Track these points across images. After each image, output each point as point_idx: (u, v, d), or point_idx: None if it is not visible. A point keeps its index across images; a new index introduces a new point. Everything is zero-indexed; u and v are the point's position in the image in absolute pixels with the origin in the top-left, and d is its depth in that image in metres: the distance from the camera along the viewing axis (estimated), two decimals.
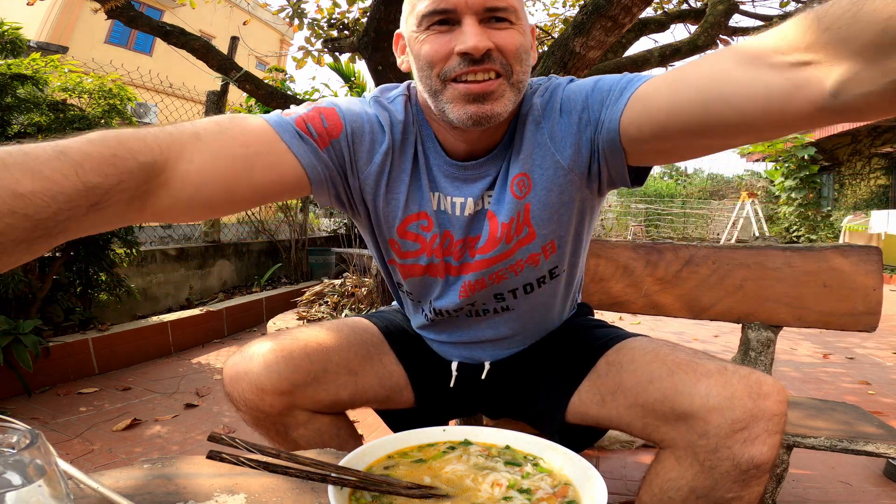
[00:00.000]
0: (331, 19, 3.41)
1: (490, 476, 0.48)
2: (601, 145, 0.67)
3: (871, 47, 0.42)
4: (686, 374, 0.66)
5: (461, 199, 0.74)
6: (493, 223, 0.73)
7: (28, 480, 0.32)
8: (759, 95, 0.50)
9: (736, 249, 1.34)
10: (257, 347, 0.78)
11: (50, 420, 1.91)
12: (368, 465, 0.50)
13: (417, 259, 0.78)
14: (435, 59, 0.64)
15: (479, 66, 0.62)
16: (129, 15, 2.33)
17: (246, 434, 1.85)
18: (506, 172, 0.73)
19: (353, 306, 2.35)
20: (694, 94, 0.55)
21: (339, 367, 0.79)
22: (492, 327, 0.85)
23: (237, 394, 0.77)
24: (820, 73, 0.46)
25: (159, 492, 0.50)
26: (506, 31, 0.64)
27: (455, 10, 0.62)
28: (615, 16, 1.68)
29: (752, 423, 0.62)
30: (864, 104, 0.45)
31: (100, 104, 2.55)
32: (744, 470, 0.62)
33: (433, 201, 0.76)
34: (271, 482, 0.52)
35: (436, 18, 0.64)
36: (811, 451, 1.59)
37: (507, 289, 0.79)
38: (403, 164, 0.74)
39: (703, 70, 0.55)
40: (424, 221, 0.75)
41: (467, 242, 0.76)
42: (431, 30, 0.65)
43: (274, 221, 5.20)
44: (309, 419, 0.79)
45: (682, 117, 0.57)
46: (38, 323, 2.22)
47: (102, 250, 2.77)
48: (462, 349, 0.89)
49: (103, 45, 10.87)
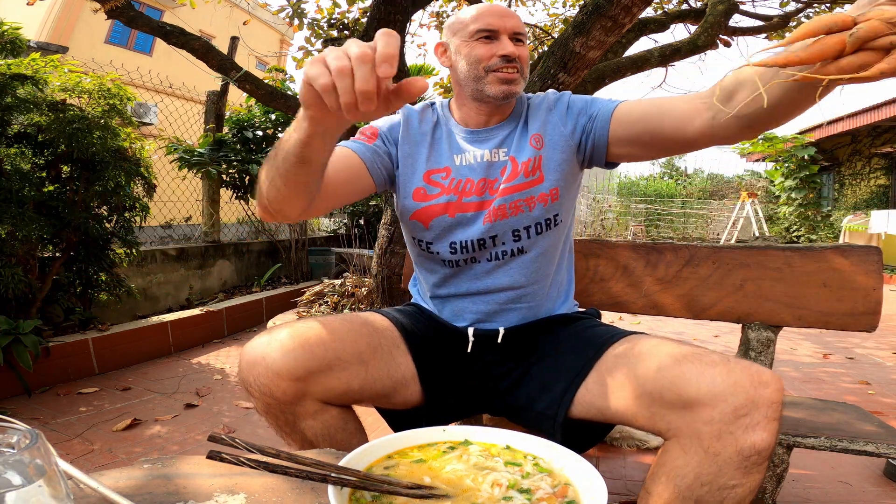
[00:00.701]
0: (331, 19, 3.41)
1: (490, 476, 0.48)
2: (593, 130, 0.97)
3: (727, 93, 0.75)
4: (692, 364, 0.71)
5: (479, 152, 1.01)
6: (514, 163, 0.98)
7: (28, 480, 0.32)
8: (676, 118, 0.85)
9: (736, 249, 1.34)
10: (276, 334, 0.81)
11: (50, 420, 1.91)
12: (368, 464, 0.50)
13: (438, 199, 1.00)
14: (483, 57, 0.97)
15: (510, 64, 0.96)
16: (128, 15, 2.32)
17: (246, 434, 1.86)
18: (524, 132, 1.01)
19: (353, 306, 2.35)
20: (651, 107, 0.90)
21: (351, 356, 0.83)
22: (507, 274, 0.99)
23: (252, 378, 0.80)
24: (707, 108, 0.80)
25: (159, 492, 0.50)
26: (522, 47, 0.99)
27: (497, 31, 0.97)
28: (615, 16, 1.68)
29: (752, 409, 0.66)
30: (724, 130, 0.80)
31: (99, 104, 2.55)
32: (746, 456, 0.67)
33: (455, 160, 1.01)
34: (271, 482, 0.52)
35: (484, 34, 0.97)
36: (811, 451, 1.60)
37: (523, 225, 0.97)
38: (422, 136, 1.04)
39: (662, 98, 0.91)
40: (444, 174, 1.01)
41: (487, 183, 0.99)
42: (480, 40, 0.97)
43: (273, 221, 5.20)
44: (318, 410, 0.82)
45: (643, 122, 0.91)
46: (38, 323, 2.22)
47: (102, 250, 2.77)
48: (479, 303, 0.99)
49: (103, 45, 10.86)
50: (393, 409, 0.95)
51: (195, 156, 4.03)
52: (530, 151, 0.98)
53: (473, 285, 1.00)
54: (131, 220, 2.91)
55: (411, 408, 0.94)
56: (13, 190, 2.20)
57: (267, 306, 3.72)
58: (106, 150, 2.50)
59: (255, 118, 4.47)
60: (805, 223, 9.84)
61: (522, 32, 0.99)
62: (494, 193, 0.98)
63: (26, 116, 2.35)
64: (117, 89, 2.61)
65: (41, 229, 2.24)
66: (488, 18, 0.97)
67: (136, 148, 2.80)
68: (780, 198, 10.56)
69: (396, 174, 1.04)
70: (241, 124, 4.42)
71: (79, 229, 2.53)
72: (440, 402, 0.95)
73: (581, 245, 1.40)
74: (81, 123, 2.37)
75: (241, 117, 4.47)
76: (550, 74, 1.82)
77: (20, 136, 2.43)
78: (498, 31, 0.96)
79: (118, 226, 2.86)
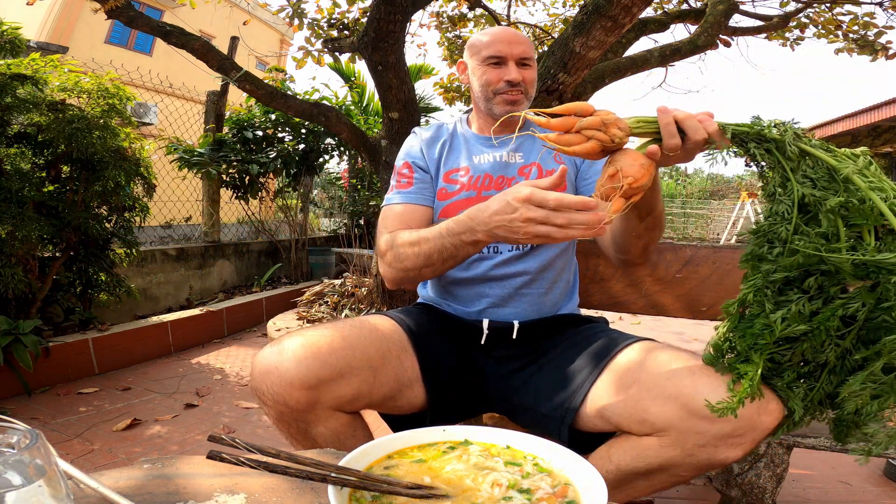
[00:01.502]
0: (331, 19, 3.41)
1: (490, 476, 0.48)
2: (577, 188, 1.13)
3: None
4: (707, 378, 0.73)
5: (496, 153, 1.12)
6: (540, 169, 1.09)
7: (28, 480, 0.32)
8: (605, 245, 1.06)
9: (736, 249, 1.36)
10: (287, 343, 0.83)
11: (50, 420, 1.91)
12: (368, 464, 0.50)
13: (458, 196, 1.09)
14: (492, 81, 1.08)
15: (515, 88, 1.07)
16: (128, 15, 2.32)
17: (246, 434, 1.85)
18: (534, 140, 1.11)
19: (353, 306, 2.35)
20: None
21: (361, 362, 0.85)
22: (523, 262, 1.05)
23: (266, 387, 0.81)
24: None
25: (159, 492, 0.50)
26: (528, 70, 1.09)
27: (504, 57, 1.07)
28: (615, 16, 1.68)
29: (747, 432, 0.69)
30: (618, 263, 1.06)
31: (99, 104, 2.54)
32: (712, 466, 0.73)
33: (474, 160, 1.12)
34: (271, 482, 0.52)
35: (494, 60, 1.08)
36: (811, 451, 1.58)
37: None
38: (441, 146, 1.15)
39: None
40: (462, 171, 1.11)
41: (504, 180, 1.08)
42: (490, 65, 1.08)
43: (274, 221, 5.20)
44: (328, 417, 0.83)
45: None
46: (38, 323, 2.22)
47: (102, 250, 2.77)
48: (496, 287, 1.05)
49: (103, 45, 10.85)
50: (394, 415, 0.96)
51: (195, 156, 4.03)
52: (554, 164, 1.09)
53: (492, 272, 1.05)
54: (131, 220, 2.91)
55: (413, 413, 0.95)
56: (13, 190, 2.20)
57: (267, 306, 3.72)
58: (106, 150, 2.50)
59: (255, 118, 4.47)
60: None
61: (529, 57, 1.09)
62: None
63: (26, 116, 2.35)
64: (116, 89, 2.61)
65: (41, 229, 2.24)
66: (498, 45, 1.07)
67: (135, 148, 2.80)
68: None
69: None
70: (241, 124, 4.41)
71: (79, 229, 2.53)
72: (442, 401, 0.95)
73: (581, 245, 1.40)
74: (81, 123, 2.36)
75: (242, 117, 4.47)
76: (550, 74, 1.82)
77: (20, 136, 2.42)
78: (506, 57, 1.07)
79: (118, 226, 2.86)
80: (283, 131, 4.55)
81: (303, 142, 4.57)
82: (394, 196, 1.11)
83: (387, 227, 1.07)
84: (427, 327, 1.02)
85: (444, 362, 0.98)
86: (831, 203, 0.56)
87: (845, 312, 0.58)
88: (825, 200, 0.57)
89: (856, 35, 3.28)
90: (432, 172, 1.13)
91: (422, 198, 1.11)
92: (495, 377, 1.02)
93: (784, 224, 0.61)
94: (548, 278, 1.07)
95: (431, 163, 1.13)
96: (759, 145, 0.65)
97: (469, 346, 1.04)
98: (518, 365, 1.01)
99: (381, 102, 2.23)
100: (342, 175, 6.04)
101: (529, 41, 1.13)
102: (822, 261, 0.57)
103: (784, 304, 0.61)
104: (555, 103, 1.87)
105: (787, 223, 0.60)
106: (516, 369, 1.00)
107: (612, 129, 0.69)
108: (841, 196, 0.56)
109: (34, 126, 2.40)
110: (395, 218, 1.08)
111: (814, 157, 0.61)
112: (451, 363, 0.99)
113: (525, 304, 1.05)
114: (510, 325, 1.02)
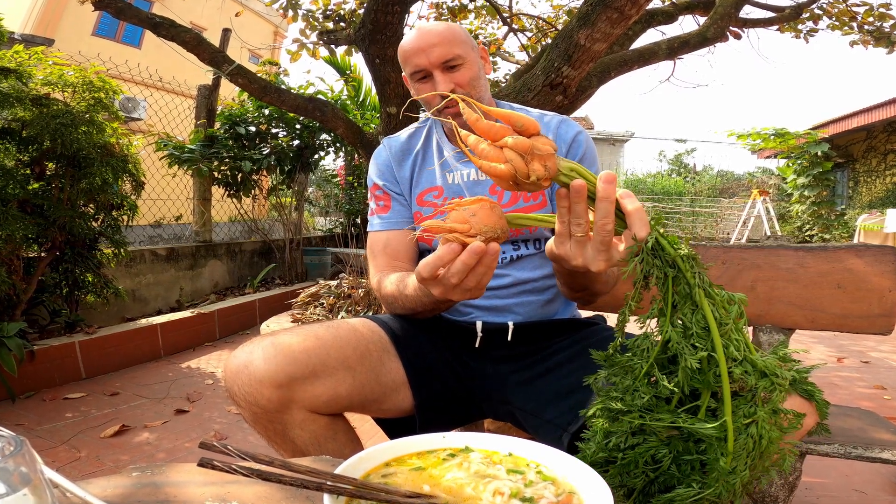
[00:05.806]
0: (326, 10, 3.34)
1: (492, 484, 0.47)
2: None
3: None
4: None
5: (465, 171, 1.06)
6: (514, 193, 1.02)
7: (12, 489, 0.32)
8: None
9: (747, 249, 1.32)
10: (258, 342, 0.83)
11: (35, 426, 1.89)
12: (366, 472, 0.49)
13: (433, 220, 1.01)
14: (428, 100, 1.03)
15: (450, 100, 0.95)
16: (117, 6, 2.25)
17: (238, 441, 1.81)
18: None
19: (350, 308, 2.30)
20: None
21: (336, 362, 0.84)
22: (515, 268, 1.03)
23: (237, 387, 0.80)
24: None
25: (148, 501, 0.49)
26: (458, 72, 0.99)
27: (425, 69, 0.99)
28: (621, 7, 1.63)
29: None
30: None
31: (84, 98, 2.49)
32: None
33: (448, 178, 1.06)
34: (264, 491, 0.51)
35: (419, 76, 1.01)
36: (824, 459, 1.57)
37: (522, 238, 1.03)
38: (412, 161, 1.11)
39: None
40: (436, 192, 1.06)
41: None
42: (418, 82, 1.01)
43: (267, 220, 5.14)
44: (306, 419, 0.82)
45: None
46: (22, 325, 2.20)
47: (89, 250, 2.73)
48: (488, 293, 1.01)
49: (91, 37, 10.67)
50: (387, 418, 0.95)
51: (185, 152, 3.96)
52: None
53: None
54: (119, 218, 2.88)
55: (408, 419, 0.94)
56: None
57: (260, 308, 3.67)
58: (92, 146, 2.45)
59: (248, 113, 4.39)
60: (818, 222, 9.62)
61: (453, 56, 0.98)
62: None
63: (9, 111, 2.31)
64: (102, 83, 2.54)
65: (25, 228, 2.20)
66: (415, 59, 0.99)
67: (123, 144, 2.75)
68: (792, 196, 10.31)
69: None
70: (233, 120, 4.33)
71: (64, 228, 2.49)
72: (433, 407, 0.94)
73: None
74: (66, 118, 2.31)
75: (234, 112, 4.39)
76: (554, 68, 1.77)
77: (3, 132, 2.38)
78: (426, 68, 0.98)
79: (105, 225, 2.83)
80: (276, 127, 4.48)
81: (297, 138, 4.51)
82: (375, 221, 1.10)
83: (375, 260, 1.07)
84: (413, 330, 0.99)
85: (434, 365, 0.96)
86: (691, 362, 0.56)
87: (656, 454, 0.59)
88: (684, 355, 0.56)
89: (871, 27, 3.24)
90: (405, 193, 1.09)
91: (402, 221, 1.08)
92: (491, 379, 0.99)
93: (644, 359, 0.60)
94: (543, 283, 1.05)
95: (403, 182, 1.09)
96: (662, 267, 0.58)
97: (462, 348, 1.02)
98: (515, 366, 0.98)
99: (378, 97, 2.19)
100: (338, 172, 5.98)
101: (450, 31, 1.00)
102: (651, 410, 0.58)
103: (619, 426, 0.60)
104: (559, 98, 1.82)
105: (644, 361, 0.60)
106: (514, 370, 0.98)
107: (536, 163, 0.59)
108: (701, 353, 0.56)
109: (18, 121, 2.35)
110: (381, 251, 1.07)
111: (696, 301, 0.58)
112: (442, 366, 0.98)
113: (520, 309, 1.03)
114: (504, 326, 1.00)
